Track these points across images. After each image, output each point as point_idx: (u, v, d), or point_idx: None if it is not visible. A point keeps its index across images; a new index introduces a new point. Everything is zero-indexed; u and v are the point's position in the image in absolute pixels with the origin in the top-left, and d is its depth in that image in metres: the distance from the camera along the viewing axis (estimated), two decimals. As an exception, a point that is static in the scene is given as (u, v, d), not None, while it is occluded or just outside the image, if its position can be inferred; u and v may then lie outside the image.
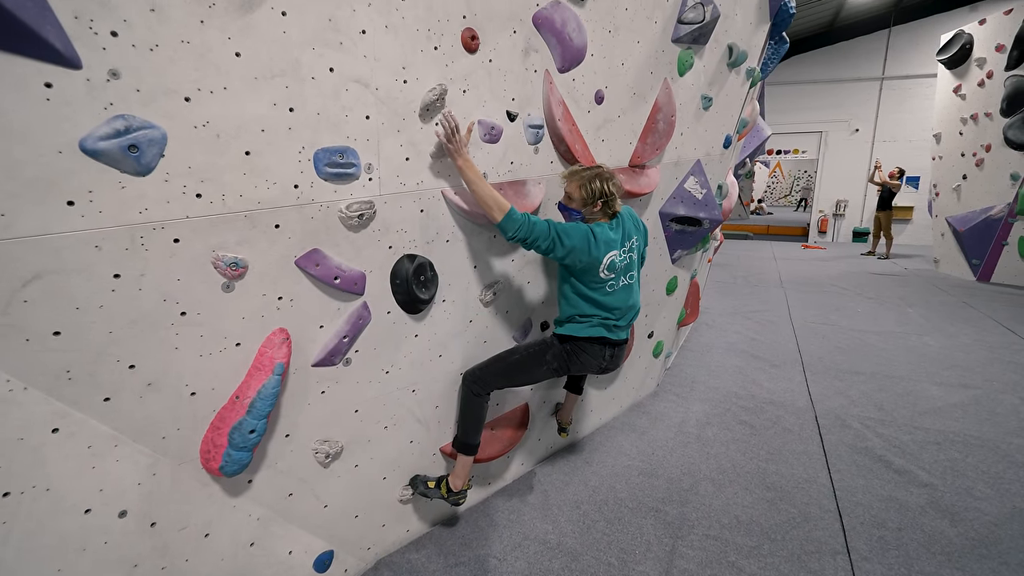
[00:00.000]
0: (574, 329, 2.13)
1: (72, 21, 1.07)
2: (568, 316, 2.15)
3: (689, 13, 2.54)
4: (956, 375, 4.01)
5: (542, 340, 2.20)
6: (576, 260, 1.99)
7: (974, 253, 7.66)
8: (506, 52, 1.92)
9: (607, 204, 2.06)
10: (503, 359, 2.14)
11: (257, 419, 1.47)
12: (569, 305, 2.14)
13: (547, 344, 2.16)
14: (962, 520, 2.33)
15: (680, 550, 2.16)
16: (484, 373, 2.11)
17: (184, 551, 1.49)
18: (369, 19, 1.53)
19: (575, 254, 1.98)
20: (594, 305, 2.11)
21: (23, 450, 1.16)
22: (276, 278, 1.50)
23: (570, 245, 1.96)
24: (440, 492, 2.07)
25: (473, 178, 1.82)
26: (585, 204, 2.05)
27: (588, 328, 2.12)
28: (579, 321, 2.12)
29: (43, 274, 1.12)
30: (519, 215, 1.88)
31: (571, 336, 2.13)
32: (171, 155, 1.24)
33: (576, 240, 1.97)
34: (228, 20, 1.27)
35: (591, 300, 2.10)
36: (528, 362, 2.14)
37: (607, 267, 2.05)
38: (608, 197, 2.04)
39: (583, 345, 2.13)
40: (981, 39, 7.36)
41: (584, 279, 2.07)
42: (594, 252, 2.01)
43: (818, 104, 12.36)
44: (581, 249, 1.98)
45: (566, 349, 2.14)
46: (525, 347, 2.18)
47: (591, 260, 2.01)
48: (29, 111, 1.05)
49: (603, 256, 2.02)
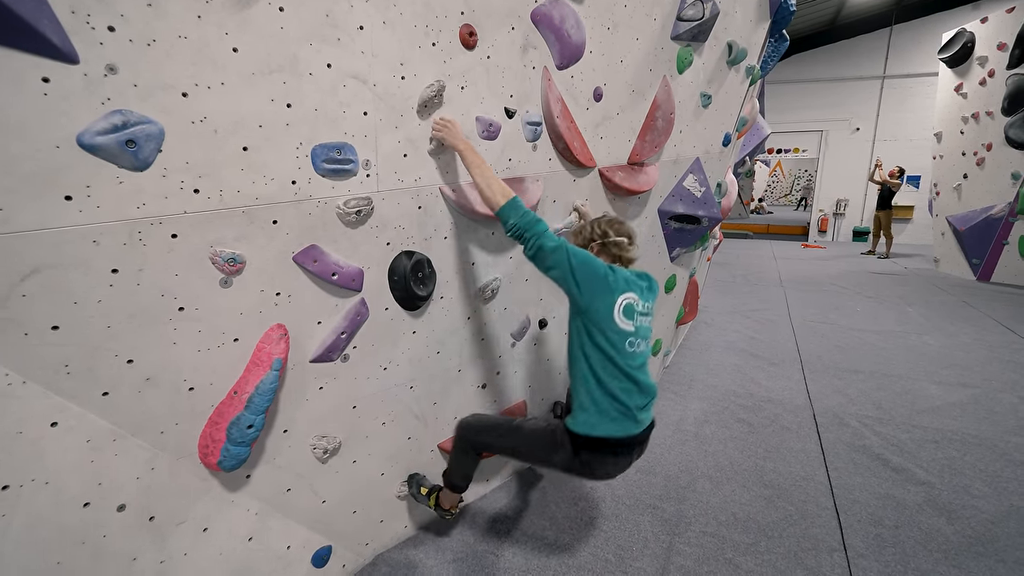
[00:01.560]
0: (591, 424, 1.67)
1: (69, 16, 1.07)
2: (580, 401, 1.71)
3: (688, 10, 2.54)
4: (955, 374, 4.01)
5: (551, 432, 1.78)
6: (584, 287, 1.67)
7: (974, 252, 7.66)
8: (504, 49, 1.92)
9: (604, 247, 1.85)
10: (502, 437, 1.88)
11: (255, 414, 1.47)
12: (582, 382, 1.71)
13: (556, 443, 1.75)
14: (959, 518, 2.34)
15: (677, 547, 2.16)
16: (474, 438, 1.92)
17: (182, 545, 1.49)
18: (367, 15, 1.53)
19: (583, 276, 1.68)
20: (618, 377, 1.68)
21: (22, 444, 1.17)
22: (274, 274, 1.50)
23: (577, 263, 1.69)
24: (429, 503, 2.05)
25: (476, 161, 1.74)
26: (587, 243, 1.89)
27: (608, 421, 1.68)
28: (596, 411, 1.68)
29: (41, 268, 1.12)
30: (523, 205, 1.73)
31: (587, 437, 1.68)
32: (169, 150, 1.24)
33: (585, 260, 1.70)
34: (225, 15, 1.27)
35: (613, 371, 1.67)
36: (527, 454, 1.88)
37: (623, 311, 1.69)
38: (603, 237, 1.85)
39: (602, 454, 1.71)
40: (983, 37, 7.35)
41: (600, 326, 1.68)
42: (610, 282, 1.70)
43: (819, 103, 12.34)
44: (591, 273, 1.69)
45: (580, 459, 1.71)
46: (528, 437, 1.83)
47: (603, 295, 1.68)
48: (26, 106, 1.05)
49: (619, 293, 1.70)
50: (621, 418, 1.69)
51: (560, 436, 1.74)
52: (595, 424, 1.68)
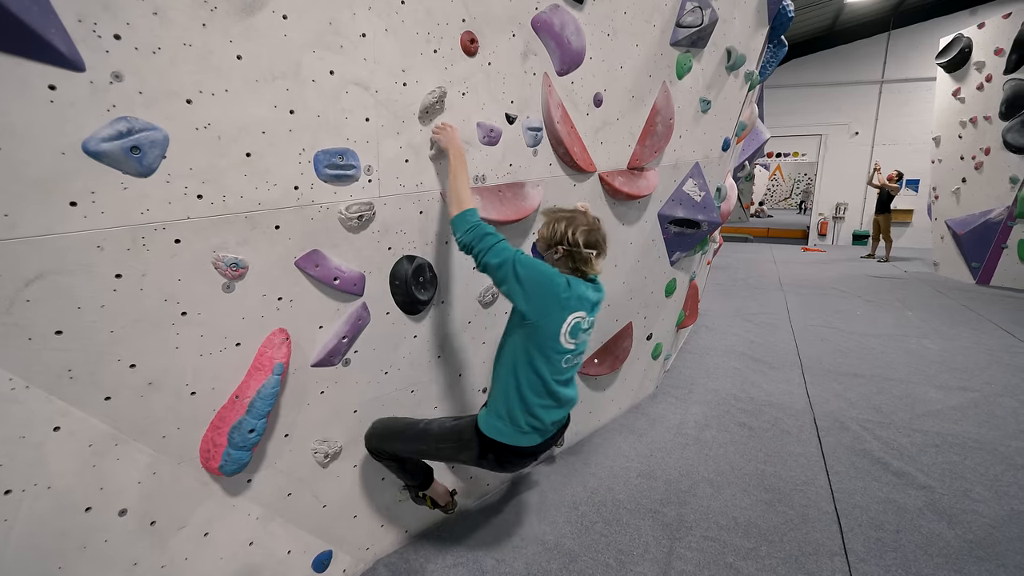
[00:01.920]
0: (502, 432, 1.67)
1: (76, 24, 1.08)
2: (497, 408, 1.68)
3: (688, 17, 2.56)
4: (955, 378, 4.02)
5: (459, 433, 1.75)
6: (534, 304, 1.59)
7: (973, 256, 7.67)
8: (505, 55, 1.94)
9: (571, 257, 1.68)
10: (410, 441, 1.81)
11: (257, 419, 1.48)
12: (504, 392, 1.67)
13: (463, 443, 1.73)
14: (960, 522, 2.34)
15: (678, 551, 2.16)
16: (383, 446, 1.83)
17: (184, 550, 1.49)
18: (369, 22, 1.54)
19: (533, 293, 1.58)
20: (539, 396, 1.66)
21: (25, 448, 1.17)
22: (276, 279, 1.51)
23: (529, 278, 1.57)
24: (427, 503, 2.07)
25: (454, 168, 1.70)
26: (547, 247, 1.72)
27: (519, 434, 1.67)
28: (509, 421, 1.66)
29: (46, 274, 1.13)
30: (475, 217, 1.64)
31: (495, 442, 1.67)
32: (173, 156, 1.25)
33: (538, 277, 1.59)
34: (230, 23, 1.29)
35: (540, 389, 1.65)
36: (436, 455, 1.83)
37: (570, 331, 1.63)
38: (571, 247, 1.66)
39: (509, 457, 1.72)
40: (980, 43, 7.39)
41: (544, 350, 1.62)
42: (562, 300, 1.60)
43: (818, 107, 12.37)
44: (543, 291, 1.59)
45: (488, 460, 1.72)
46: (436, 438, 1.77)
47: (552, 315, 1.60)
48: (33, 113, 1.07)
49: (570, 312, 1.62)
50: (532, 432, 1.70)
51: (468, 436, 1.73)
52: (504, 433, 1.68)
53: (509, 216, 2.04)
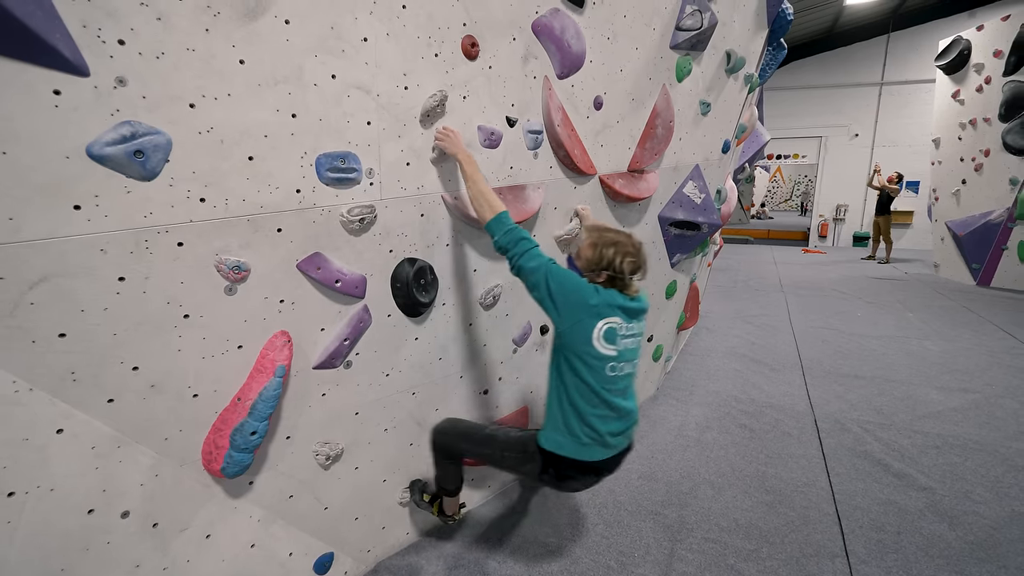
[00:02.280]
0: (562, 445, 1.68)
1: (80, 30, 1.09)
2: (555, 422, 1.70)
3: (687, 20, 2.57)
4: (956, 379, 4.02)
5: (524, 444, 1.78)
6: (563, 311, 1.64)
7: (974, 257, 7.67)
8: (506, 59, 1.95)
9: (612, 281, 1.71)
10: (477, 445, 1.87)
11: (258, 421, 1.48)
12: (558, 404, 1.70)
13: (527, 455, 1.76)
14: (961, 524, 2.34)
15: (679, 553, 2.16)
16: (450, 445, 1.91)
17: (186, 552, 1.50)
18: (371, 27, 1.55)
19: (563, 301, 1.63)
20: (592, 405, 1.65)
21: (28, 450, 1.18)
22: (278, 281, 1.52)
23: (557, 287, 1.64)
24: (432, 510, 2.07)
25: (471, 173, 1.75)
26: (590, 268, 1.73)
27: (579, 446, 1.67)
28: (568, 434, 1.68)
29: (50, 277, 1.14)
30: (510, 220, 1.72)
31: (556, 456, 1.69)
32: (176, 160, 1.26)
33: (568, 286, 1.65)
34: (232, 28, 1.30)
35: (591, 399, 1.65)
36: (500, 462, 1.86)
37: (603, 335, 1.63)
38: (616, 274, 1.69)
39: (570, 471, 1.73)
40: (979, 45, 7.40)
41: (579, 353, 1.64)
42: (591, 306, 1.63)
43: (818, 109, 12.39)
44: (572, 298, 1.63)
45: (549, 475, 1.74)
46: (503, 446, 1.82)
47: (583, 321, 1.62)
48: (38, 117, 1.08)
49: (601, 318, 1.63)
50: (592, 444, 1.69)
51: (532, 448, 1.75)
52: (563, 445, 1.69)
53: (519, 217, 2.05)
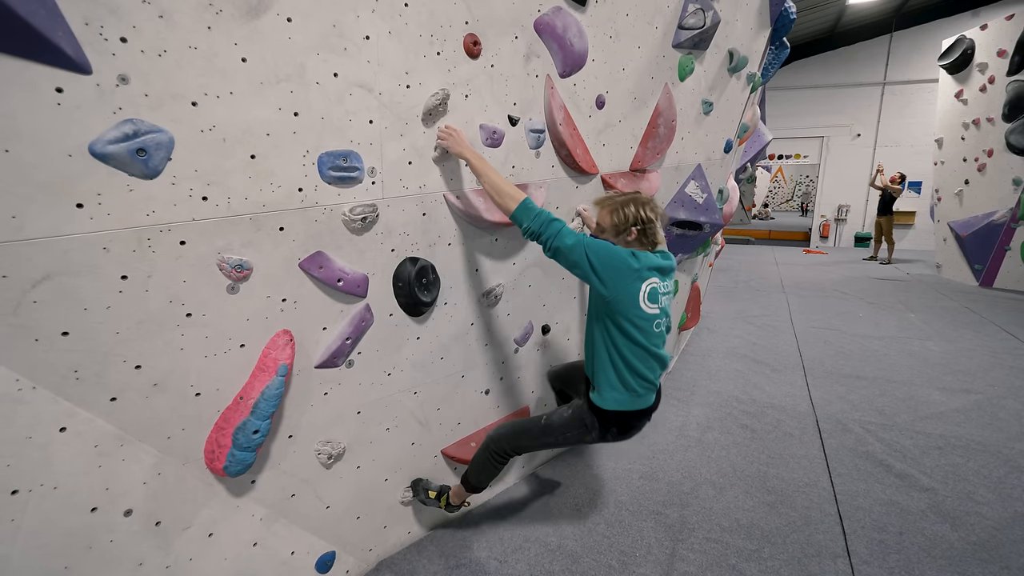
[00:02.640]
0: (622, 402, 1.82)
1: (83, 27, 1.09)
2: (609, 381, 1.82)
3: (690, 19, 2.57)
4: (958, 380, 4.01)
5: (579, 419, 1.91)
6: (608, 281, 1.72)
7: (976, 258, 7.66)
8: (508, 57, 1.94)
9: (644, 233, 1.81)
10: (536, 438, 1.96)
11: (261, 420, 1.48)
12: (610, 364, 1.81)
13: (586, 427, 1.89)
14: (963, 524, 2.33)
15: (680, 553, 2.16)
16: (512, 445, 1.98)
17: (188, 550, 1.50)
18: (373, 25, 1.55)
19: (606, 270, 1.71)
20: (641, 360, 1.79)
21: (31, 448, 1.18)
22: (280, 280, 1.52)
23: (599, 259, 1.71)
24: (439, 504, 2.08)
25: (484, 168, 1.76)
26: (618, 232, 1.82)
27: (636, 399, 1.83)
28: (624, 389, 1.81)
29: (52, 275, 1.14)
30: (535, 206, 1.75)
31: (618, 413, 1.84)
32: (178, 158, 1.26)
33: (605, 255, 1.72)
34: (235, 26, 1.30)
35: (639, 353, 1.78)
36: (563, 442, 1.97)
37: (648, 296, 1.75)
38: (645, 224, 1.79)
39: (631, 422, 1.89)
40: (983, 44, 7.38)
41: (628, 316, 1.74)
42: (635, 271, 1.72)
43: (820, 109, 12.38)
44: (615, 266, 1.71)
45: (612, 432, 1.89)
46: (561, 428, 1.92)
47: (628, 286, 1.73)
48: (40, 115, 1.07)
49: (643, 281, 1.74)
50: (646, 393, 1.86)
51: (589, 419, 1.89)
52: (624, 402, 1.84)
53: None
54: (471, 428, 2.31)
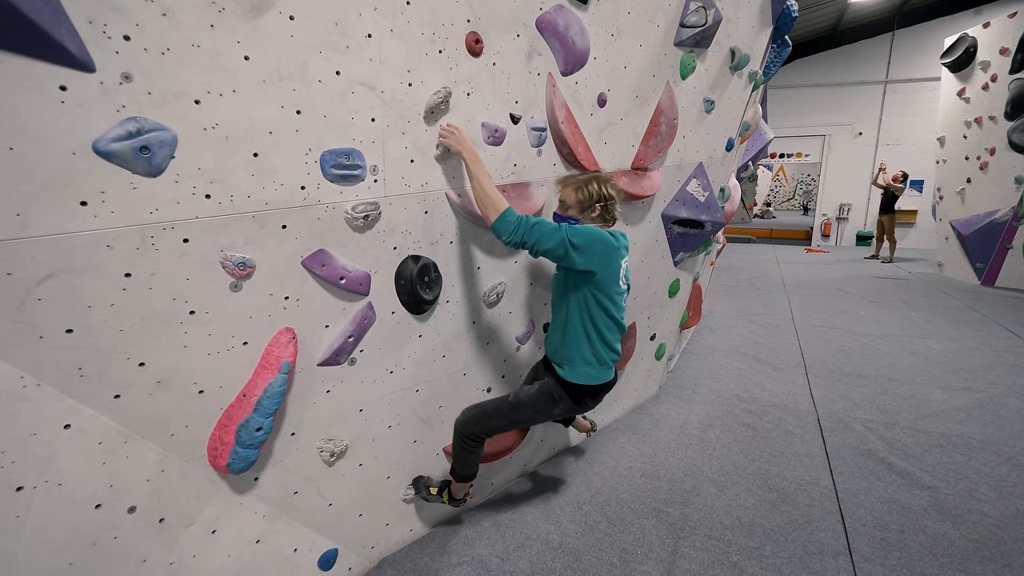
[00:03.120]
0: (593, 375, 1.93)
1: (86, 26, 1.09)
2: (583, 356, 1.91)
3: (691, 17, 2.57)
4: (960, 378, 4.01)
5: (547, 393, 1.97)
6: (596, 263, 1.81)
7: (978, 257, 7.65)
8: (509, 55, 1.94)
9: (607, 209, 1.93)
10: (505, 416, 1.97)
11: (264, 417, 1.49)
12: (585, 338, 1.90)
13: (554, 399, 1.96)
14: (964, 522, 2.33)
15: (682, 550, 2.17)
16: (481, 428, 1.97)
17: (191, 547, 1.51)
18: (375, 23, 1.55)
19: (594, 256, 1.80)
20: (612, 333, 1.93)
21: (36, 445, 1.19)
22: (283, 278, 1.52)
23: (586, 244, 1.78)
24: (442, 499, 2.09)
25: (476, 172, 1.77)
26: (583, 209, 1.92)
27: (606, 371, 1.96)
28: (597, 363, 1.93)
29: (57, 273, 1.14)
30: (514, 216, 1.76)
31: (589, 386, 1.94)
32: (181, 156, 1.26)
33: (592, 240, 1.80)
34: (237, 24, 1.30)
35: (612, 325, 1.92)
36: (533, 418, 2.01)
37: (625, 274, 1.92)
38: (607, 200, 1.92)
39: (600, 392, 2.00)
40: (985, 42, 7.36)
41: (609, 294, 1.88)
42: (613, 250, 1.86)
43: (821, 107, 12.36)
44: (601, 250, 1.82)
45: (584, 403, 1.98)
46: (530, 404, 1.96)
47: (612, 265, 1.86)
48: (44, 113, 1.08)
49: (621, 259, 1.90)
50: (613, 364, 2.00)
51: (557, 392, 1.96)
52: (593, 375, 1.94)
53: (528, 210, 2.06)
54: (473, 426, 2.32)
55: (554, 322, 2.02)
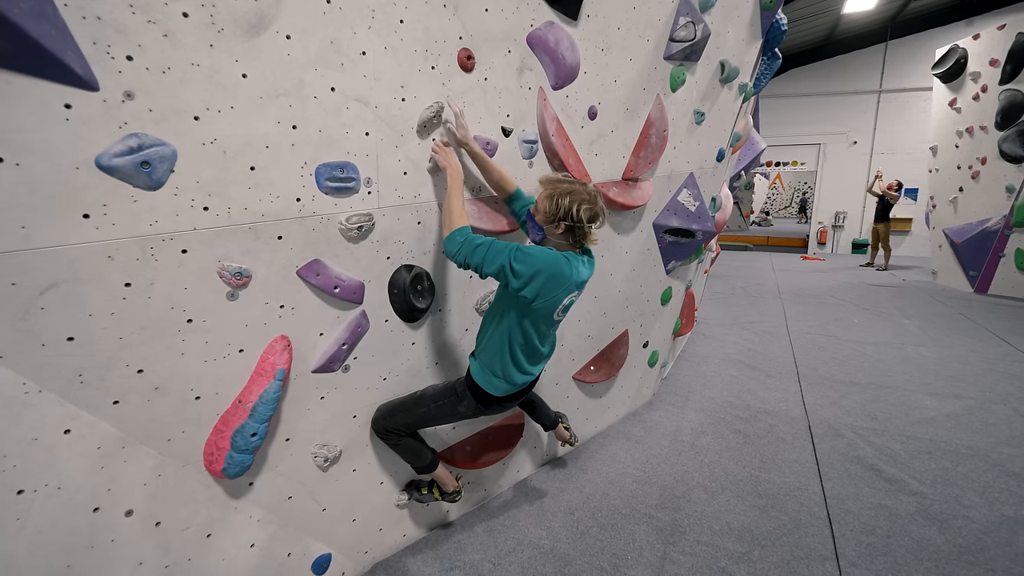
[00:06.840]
0: (497, 387, 1.87)
1: (91, 47, 1.14)
2: (492, 367, 1.85)
3: (680, 31, 2.63)
4: (950, 386, 4.05)
5: (451, 389, 1.93)
6: (535, 292, 1.68)
7: (971, 265, 7.71)
8: (501, 71, 2.00)
9: (572, 231, 1.74)
10: (410, 410, 1.93)
11: (259, 423, 1.53)
12: (499, 354, 1.83)
13: (458, 396, 1.91)
14: (950, 528, 2.37)
15: (671, 556, 2.20)
16: (390, 423, 1.93)
17: (187, 551, 1.54)
18: (369, 41, 1.61)
19: (533, 285, 1.67)
20: (529, 358, 1.87)
21: (36, 450, 1.22)
22: (278, 287, 1.57)
23: (527, 273, 1.65)
24: (434, 496, 2.12)
25: (451, 187, 1.79)
26: (547, 221, 1.74)
27: (511, 386, 1.89)
28: (504, 379, 1.86)
29: (59, 283, 1.19)
30: (461, 236, 1.70)
31: (488, 393, 1.88)
32: (181, 170, 1.31)
33: (537, 271, 1.66)
34: (236, 43, 1.35)
35: (530, 352, 1.86)
36: (436, 413, 1.93)
37: (563, 309, 1.82)
38: (574, 223, 1.70)
39: (504, 403, 1.95)
40: (975, 53, 7.46)
41: (536, 323, 1.80)
42: (563, 283, 1.72)
43: (816, 117, 12.47)
44: (545, 281, 1.68)
45: (481, 409, 1.93)
46: (433, 398, 1.92)
47: (553, 297, 1.72)
48: (50, 130, 1.13)
49: (567, 295, 1.77)
50: (525, 378, 1.91)
51: (460, 388, 1.92)
52: (499, 388, 1.88)
53: (503, 227, 2.10)
54: (465, 433, 2.35)
55: (484, 320, 1.94)
